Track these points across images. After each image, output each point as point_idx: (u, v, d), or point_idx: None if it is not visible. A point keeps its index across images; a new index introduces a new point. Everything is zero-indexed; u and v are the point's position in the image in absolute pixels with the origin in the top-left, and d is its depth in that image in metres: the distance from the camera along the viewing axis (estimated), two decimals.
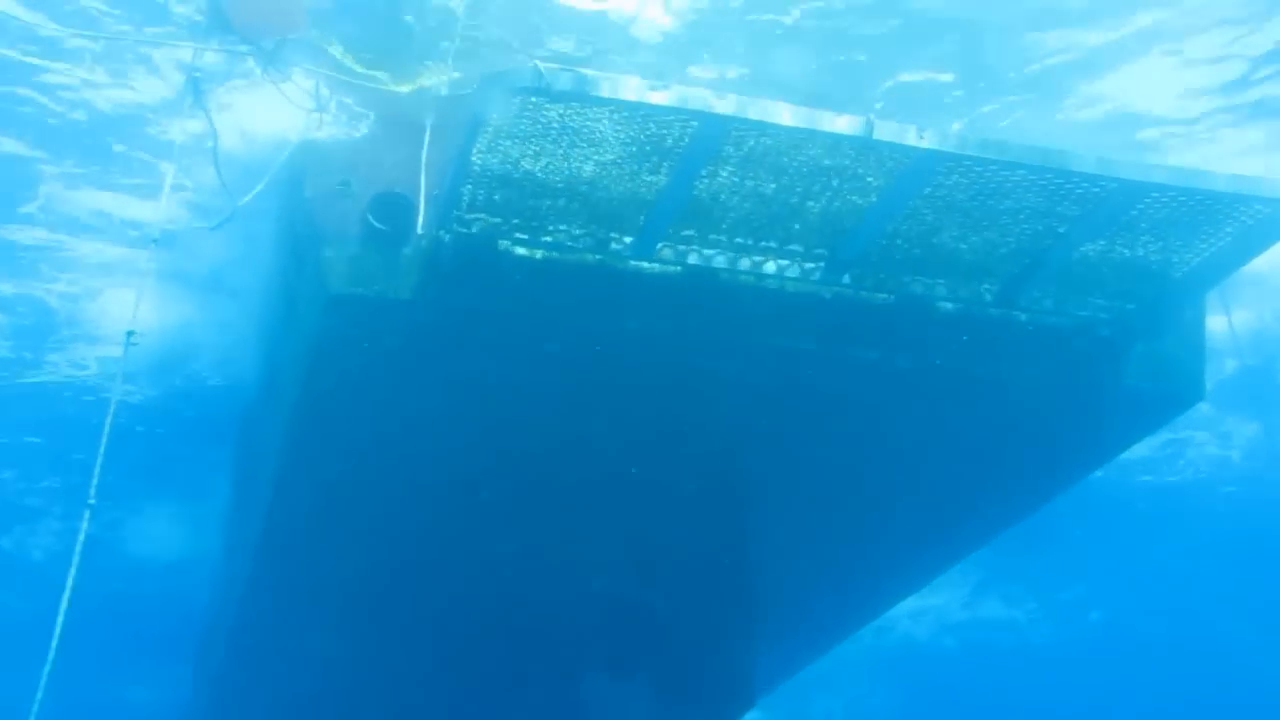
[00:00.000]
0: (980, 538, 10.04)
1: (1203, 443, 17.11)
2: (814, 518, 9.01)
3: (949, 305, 7.29)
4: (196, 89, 6.90)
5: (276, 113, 7.26)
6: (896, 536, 9.56)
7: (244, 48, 7.10)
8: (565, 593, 8.89)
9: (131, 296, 8.69)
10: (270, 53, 6.89)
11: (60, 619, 5.60)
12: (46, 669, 5.64)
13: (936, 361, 7.41)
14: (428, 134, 6.91)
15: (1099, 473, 9.08)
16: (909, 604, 13.95)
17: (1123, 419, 7.97)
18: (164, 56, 9.69)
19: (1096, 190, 6.36)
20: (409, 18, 7.98)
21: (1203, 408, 8.00)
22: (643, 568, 8.45)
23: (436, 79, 7.66)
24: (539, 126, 6.10)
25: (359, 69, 7.08)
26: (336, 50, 7.19)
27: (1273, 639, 25.17)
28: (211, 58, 7.15)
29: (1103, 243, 6.78)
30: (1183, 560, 21.19)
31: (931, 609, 21.73)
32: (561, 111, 5.99)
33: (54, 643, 5.63)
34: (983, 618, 22.76)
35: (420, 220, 6.79)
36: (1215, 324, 8.02)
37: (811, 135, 6.09)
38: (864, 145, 6.14)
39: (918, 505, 9.01)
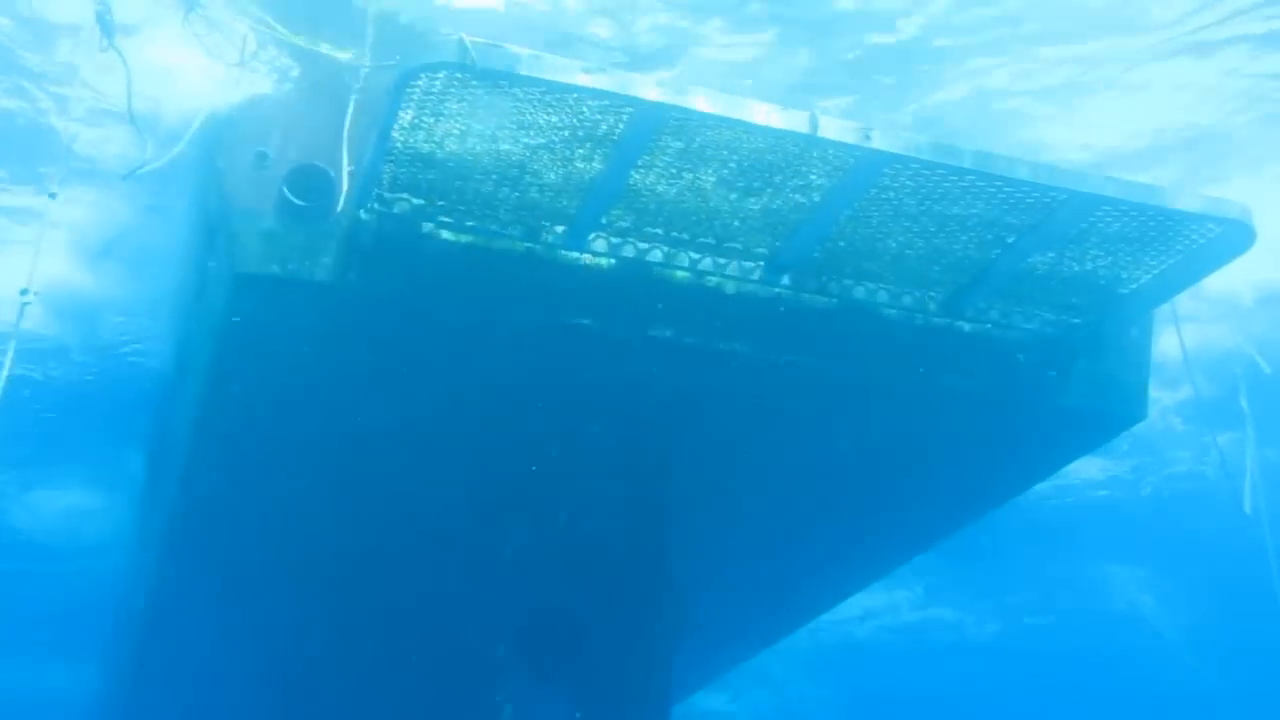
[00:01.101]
0: (912, 548, 9.84)
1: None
2: (743, 524, 8.76)
3: (892, 312, 7.04)
4: (105, 24, 6.39)
5: (197, 64, 6.79)
6: (826, 544, 9.33)
7: None
8: (482, 592, 8.55)
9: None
10: None
11: None
12: None
13: (876, 370, 7.15)
14: (351, 106, 6.51)
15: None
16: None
17: (1064, 435, 7.78)
18: None
19: (1048, 200, 6.11)
20: None
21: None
22: (564, 569, 8.13)
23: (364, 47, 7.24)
24: (464, 105, 5.74)
25: (284, 32, 6.62)
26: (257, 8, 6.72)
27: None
28: None
29: (1052, 255, 6.55)
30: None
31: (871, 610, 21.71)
32: (488, 90, 5.62)
33: None
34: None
35: (341, 198, 6.40)
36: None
37: (753, 129, 5.78)
38: (808, 142, 5.84)
39: (849, 513, 8.78)
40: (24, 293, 6.31)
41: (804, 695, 27.67)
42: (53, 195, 6.90)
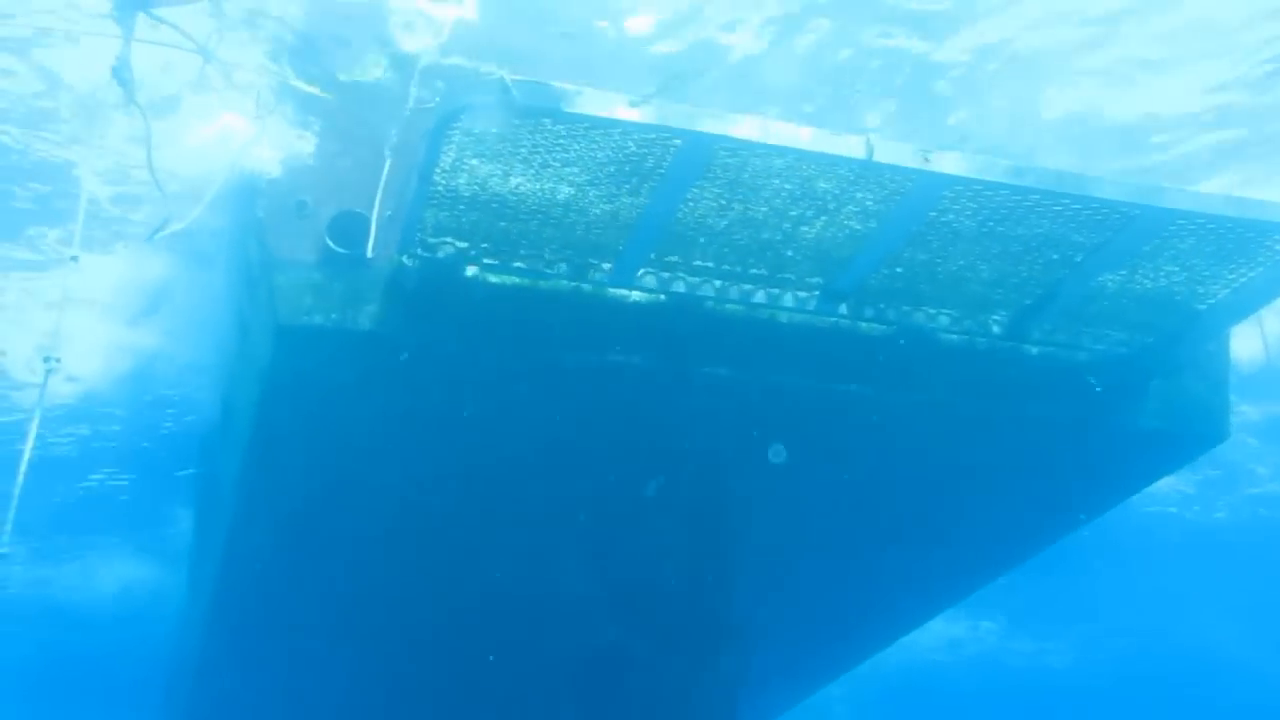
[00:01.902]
0: (981, 577, 9.50)
1: None
2: (806, 559, 8.47)
3: (953, 337, 6.76)
4: (124, 80, 6.27)
5: (218, 122, 6.67)
6: (889, 578, 9.02)
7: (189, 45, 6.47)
8: (537, 636, 8.32)
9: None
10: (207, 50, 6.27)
11: None
12: None
13: (939, 397, 6.87)
14: (388, 151, 6.36)
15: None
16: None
17: (1140, 458, 7.44)
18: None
19: (1117, 217, 5.82)
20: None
21: None
22: (621, 611, 7.89)
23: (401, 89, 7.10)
24: (507, 144, 5.56)
25: (304, 86, 6.49)
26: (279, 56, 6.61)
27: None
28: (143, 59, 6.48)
29: (1123, 272, 6.24)
30: None
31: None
32: (532, 128, 5.44)
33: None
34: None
35: (370, 242, 6.24)
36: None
37: (806, 156, 5.55)
38: (863, 168, 5.60)
39: (912, 547, 8.47)
40: (46, 360, 6.19)
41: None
42: (74, 258, 6.80)
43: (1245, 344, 7.69)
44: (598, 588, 7.90)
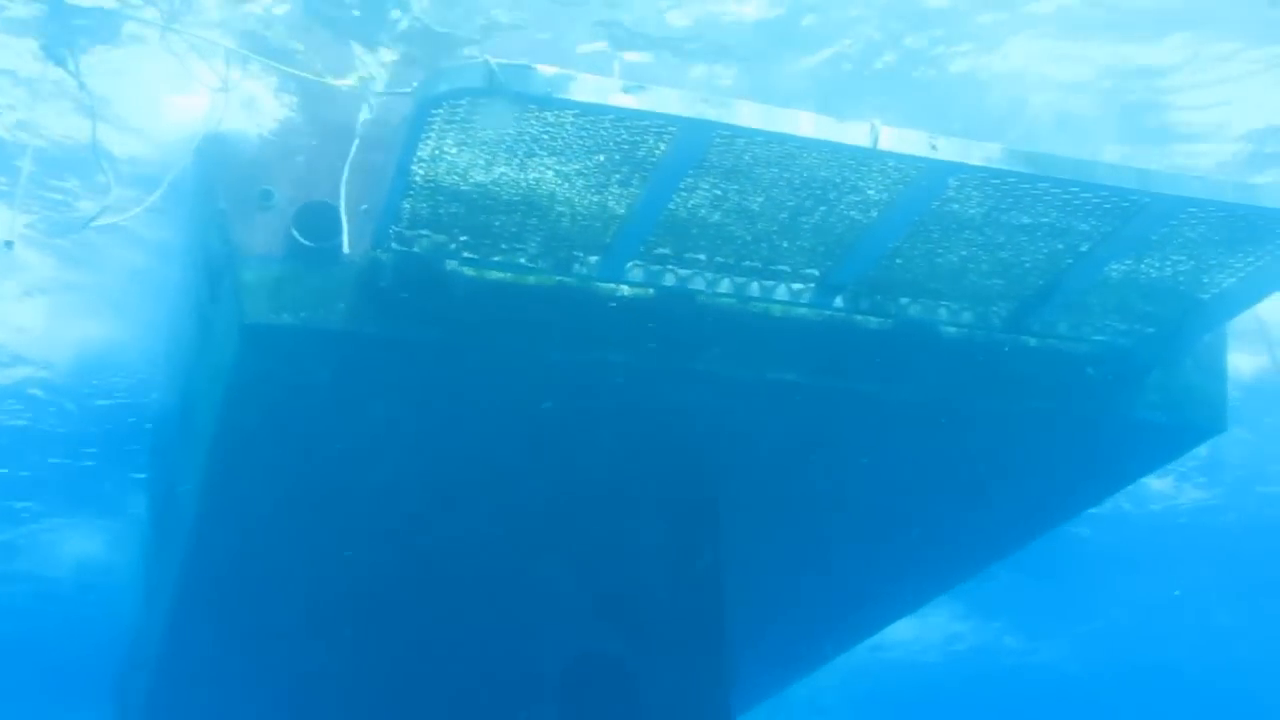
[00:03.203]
0: (974, 567, 9.34)
1: None
2: (797, 554, 8.26)
3: (951, 330, 6.53)
4: (59, 58, 5.82)
5: (181, 105, 6.25)
6: (882, 571, 8.83)
7: None
8: (520, 641, 8.03)
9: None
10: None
11: None
12: None
13: (936, 391, 6.64)
14: (356, 137, 5.98)
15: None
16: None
17: (1137, 449, 7.28)
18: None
19: (1127, 204, 5.60)
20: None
21: None
22: (606, 614, 7.62)
23: (372, 71, 6.72)
24: (490, 132, 5.21)
25: (274, 65, 6.08)
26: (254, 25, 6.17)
27: None
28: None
29: (1129, 261, 6.03)
30: None
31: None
32: (518, 115, 5.10)
33: None
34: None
35: (345, 236, 5.87)
36: None
37: (807, 144, 5.26)
38: (867, 155, 5.32)
39: (904, 543, 8.29)
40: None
41: None
42: (9, 244, 6.38)
43: None
44: (582, 592, 7.62)
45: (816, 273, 6.17)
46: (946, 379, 6.58)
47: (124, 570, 13.92)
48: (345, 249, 5.84)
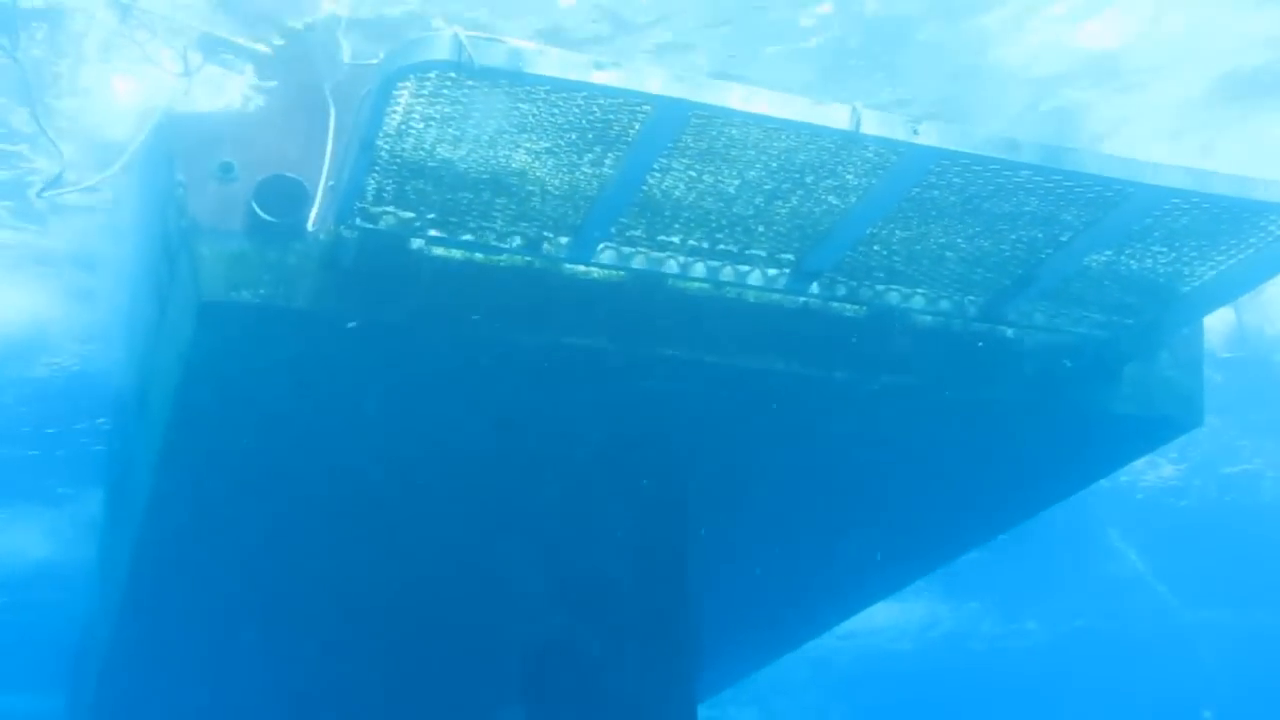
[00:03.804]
0: (947, 555, 9.29)
1: None
2: (768, 544, 8.15)
3: (927, 319, 6.42)
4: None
5: (137, 76, 6.02)
6: (852, 560, 8.74)
7: None
8: (480, 628, 7.89)
9: None
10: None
11: None
12: None
13: (910, 380, 6.53)
14: (332, 109, 5.78)
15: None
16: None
17: (1112, 443, 7.21)
18: None
19: (1111, 194, 5.49)
20: None
21: None
22: (573, 605, 7.49)
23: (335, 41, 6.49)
24: (459, 108, 5.02)
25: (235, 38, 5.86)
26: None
27: None
28: None
29: (1109, 252, 5.93)
30: None
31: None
32: (487, 90, 4.92)
33: None
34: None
35: (314, 213, 5.68)
36: None
37: (786, 126, 5.11)
38: (847, 139, 5.18)
39: (875, 532, 8.20)
40: None
41: (839, 712, 26.67)
42: None
43: None
44: (546, 577, 7.48)
45: (792, 258, 6.03)
46: (921, 368, 6.48)
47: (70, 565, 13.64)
48: (310, 225, 5.64)
